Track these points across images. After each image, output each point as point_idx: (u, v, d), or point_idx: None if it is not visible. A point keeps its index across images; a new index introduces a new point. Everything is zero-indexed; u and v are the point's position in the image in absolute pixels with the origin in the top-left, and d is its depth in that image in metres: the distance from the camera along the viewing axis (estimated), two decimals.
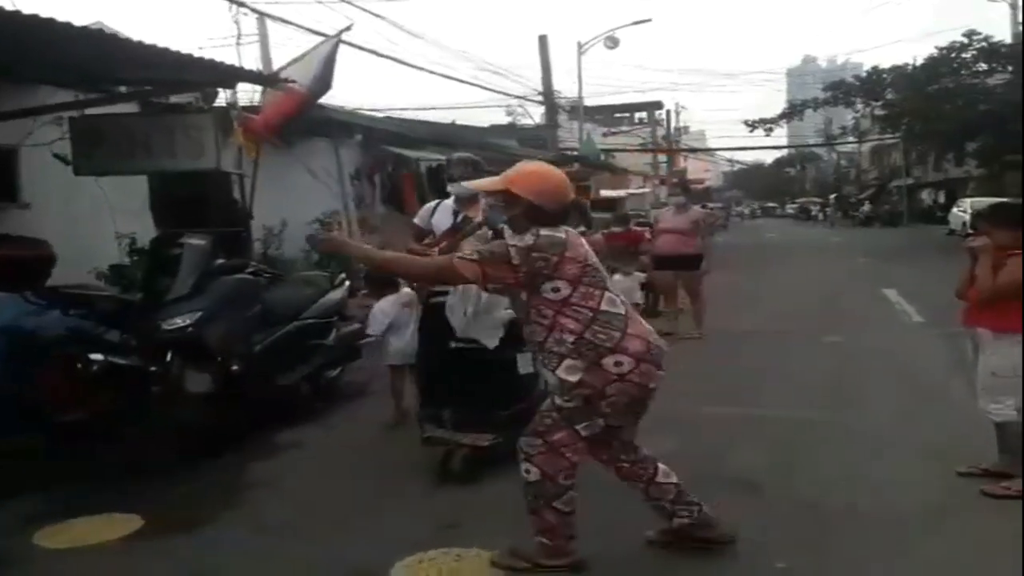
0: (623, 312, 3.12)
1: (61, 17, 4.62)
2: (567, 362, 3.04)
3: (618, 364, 3.03)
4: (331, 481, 4.50)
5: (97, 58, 5.86)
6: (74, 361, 4.83)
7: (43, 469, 4.60)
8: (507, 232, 3.17)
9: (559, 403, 3.10)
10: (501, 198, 3.22)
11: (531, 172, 3.24)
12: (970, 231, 20.60)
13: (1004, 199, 7.76)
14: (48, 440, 4.86)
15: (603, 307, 3.07)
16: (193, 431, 4.87)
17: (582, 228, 5.37)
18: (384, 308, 5.69)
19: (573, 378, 3.03)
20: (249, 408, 5.32)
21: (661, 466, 3.37)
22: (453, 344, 4.52)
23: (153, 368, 4.90)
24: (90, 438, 4.86)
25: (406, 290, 5.63)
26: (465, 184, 4.23)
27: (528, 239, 3.04)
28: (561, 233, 3.11)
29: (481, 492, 4.14)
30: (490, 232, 3.71)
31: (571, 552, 3.22)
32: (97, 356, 4.83)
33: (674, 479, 3.34)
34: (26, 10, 4.52)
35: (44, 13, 4.53)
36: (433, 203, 5.56)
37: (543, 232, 3.06)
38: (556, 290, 3.05)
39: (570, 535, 3.21)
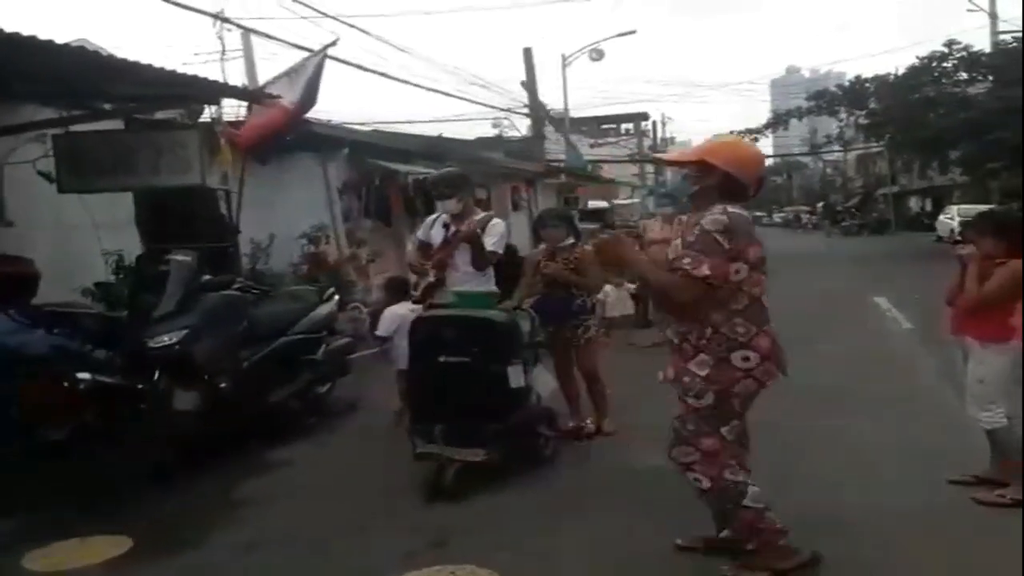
0: (767, 307, 3.08)
1: (44, 34, 4.60)
2: (700, 356, 3.00)
3: (745, 360, 2.98)
4: (322, 498, 4.46)
5: (81, 75, 5.83)
6: (60, 379, 4.77)
7: (30, 489, 4.53)
8: (698, 224, 2.98)
9: (693, 404, 3.04)
10: (694, 169, 3.12)
11: (728, 143, 3.28)
12: (958, 239, 20.80)
13: (991, 206, 7.84)
14: (35, 459, 4.79)
15: (761, 297, 3.04)
16: (181, 449, 4.81)
17: (571, 240, 5.40)
18: (397, 311, 5.73)
19: (701, 372, 3.00)
20: (238, 425, 5.27)
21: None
22: (443, 358, 4.49)
23: (140, 386, 4.85)
24: (77, 457, 4.79)
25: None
26: (659, 155, 4.13)
27: (722, 219, 2.94)
28: (746, 212, 3.06)
29: (473, 507, 4.10)
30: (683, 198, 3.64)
31: (793, 553, 3.08)
32: (83, 374, 4.77)
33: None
34: (9, 27, 4.50)
35: (27, 30, 4.51)
36: (432, 217, 5.56)
37: (731, 210, 2.98)
38: (738, 272, 2.97)
39: (781, 530, 3.08)
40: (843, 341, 8.55)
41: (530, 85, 23.81)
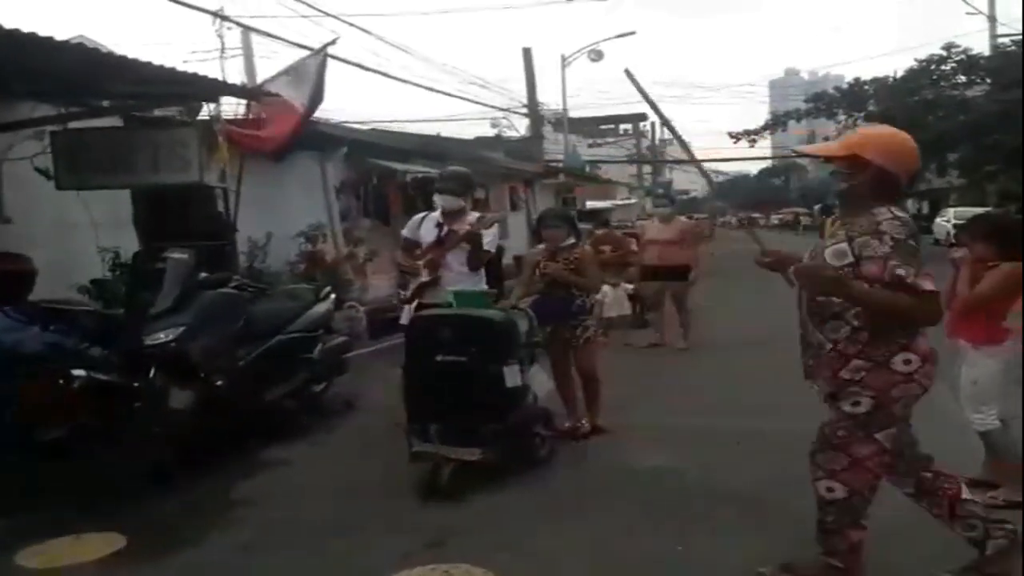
0: None
1: (43, 31, 4.59)
2: (854, 363, 2.77)
3: (907, 362, 2.76)
4: (318, 497, 4.46)
5: (80, 72, 5.83)
6: (55, 377, 4.76)
7: (25, 487, 4.52)
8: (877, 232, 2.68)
9: (848, 410, 2.81)
10: (844, 165, 2.83)
11: (883, 134, 2.92)
12: (953, 241, 20.78)
13: (986, 209, 7.83)
14: (30, 457, 4.79)
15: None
16: (177, 448, 4.81)
17: (571, 240, 5.41)
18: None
19: (857, 376, 2.77)
20: (234, 424, 5.27)
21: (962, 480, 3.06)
22: (440, 358, 4.50)
23: (136, 384, 4.84)
24: (73, 455, 4.79)
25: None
26: (802, 147, 3.38)
27: (901, 227, 2.66)
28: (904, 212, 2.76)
29: (470, 507, 4.11)
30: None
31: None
32: (79, 372, 4.76)
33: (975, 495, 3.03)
34: (8, 24, 4.49)
35: (26, 27, 4.51)
36: (420, 215, 5.57)
37: (898, 213, 2.71)
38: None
39: (863, 553, 2.94)
40: None
41: (529, 85, 23.83)
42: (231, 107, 9.68)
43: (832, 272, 2.76)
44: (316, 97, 8.36)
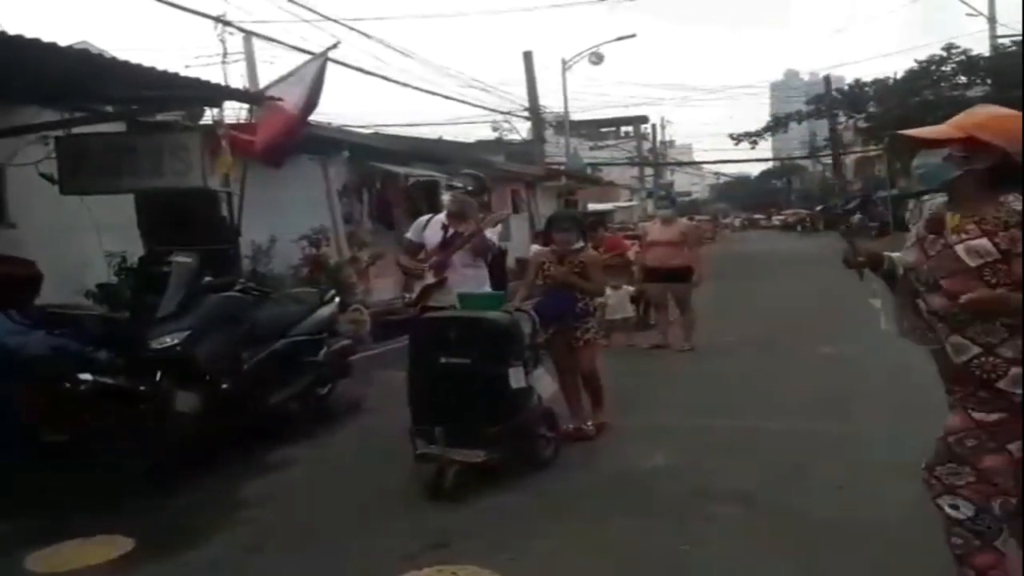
0: None
1: (47, 37, 4.61)
2: (1013, 371, 2.41)
3: None
4: (323, 499, 4.47)
5: (83, 77, 5.85)
6: (61, 381, 4.79)
7: (32, 490, 4.54)
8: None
9: (979, 417, 2.48)
10: (959, 148, 2.50)
11: (1003, 114, 2.54)
12: None
13: None
14: (37, 461, 4.81)
15: None
16: (182, 450, 4.82)
17: (580, 244, 5.43)
18: None
19: (1018, 390, 2.41)
20: (239, 427, 5.28)
21: None
22: (443, 359, 4.51)
23: (142, 388, 4.85)
24: (78, 459, 4.81)
25: None
26: (909, 132, 2.78)
27: (1017, 206, 2.38)
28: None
29: (474, 509, 4.12)
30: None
31: None
32: (85, 376, 4.79)
33: None
34: (12, 30, 4.52)
35: (30, 33, 4.53)
36: (425, 218, 5.59)
37: (1012, 200, 2.41)
38: None
39: None
40: (840, 342, 8.55)
41: (530, 88, 23.87)
42: (233, 112, 9.72)
43: (1006, 296, 2.44)
44: (312, 101, 8.39)
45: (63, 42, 4.91)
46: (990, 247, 2.43)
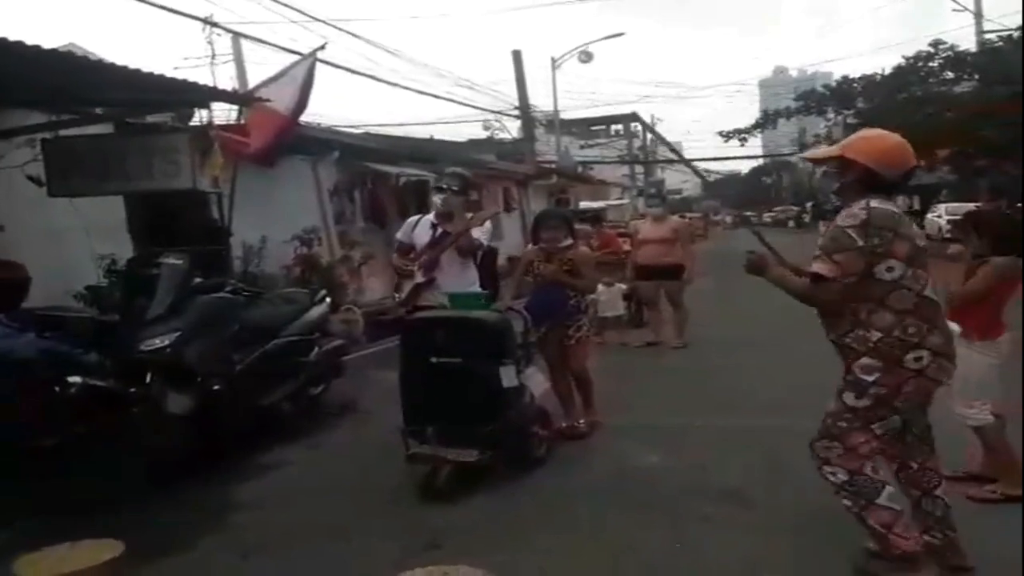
0: (938, 300, 2.99)
1: (32, 39, 4.58)
2: (864, 360, 2.91)
3: (918, 359, 2.87)
4: (316, 501, 4.46)
5: (70, 79, 5.82)
6: (51, 384, 4.75)
7: (21, 494, 4.51)
8: (838, 219, 2.95)
9: (852, 404, 2.97)
10: (835, 165, 3.09)
11: (868, 136, 3.12)
12: (946, 237, 20.79)
13: (978, 204, 7.85)
14: (26, 464, 4.77)
15: (926, 292, 2.92)
16: (174, 453, 4.80)
17: (569, 241, 5.43)
18: None
19: (869, 377, 2.91)
20: (231, 428, 5.26)
21: (944, 481, 3.17)
22: (435, 359, 4.50)
23: (132, 390, 4.83)
24: (69, 461, 4.78)
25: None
26: (807, 154, 3.90)
27: (860, 214, 2.86)
28: (893, 206, 2.94)
29: (467, 508, 4.12)
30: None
31: (923, 565, 2.98)
32: (75, 378, 4.75)
33: (946, 498, 3.13)
34: None
35: (15, 35, 4.50)
36: (414, 218, 5.59)
37: (874, 204, 2.88)
38: (891, 270, 2.87)
39: (916, 537, 3.00)
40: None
41: (520, 87, 23.85)
42: (223, 113, 9.69)
43: (757, 258, 3.23)
44: (302, 102, 8.38)
45: (49, 45, 4.88)
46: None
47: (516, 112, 24.45)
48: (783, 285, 3.15)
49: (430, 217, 5.40)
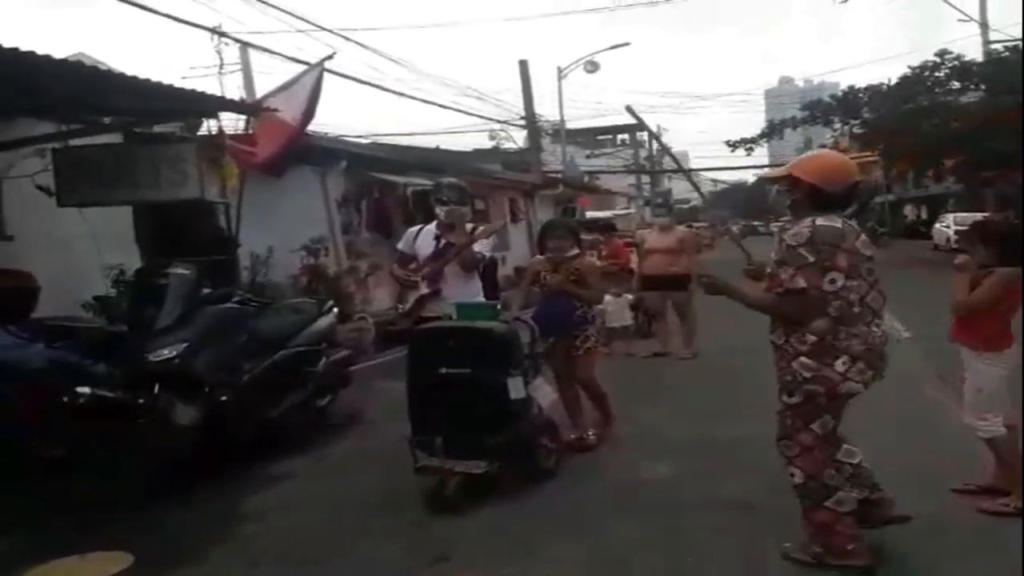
0: (876, 308, 3.22)
1: (42, 49, 4.61)
2: (802, 359, 3.15)
3: (844, 364, 3.12)
4: (323, 512, 4.44)
5: (80, 89, 5.85)
6: (59, 394, 4.75)
7: (29, 505, 4.50)
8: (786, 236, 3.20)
9: (788, 401, 3.25)
10: (786, 184, 3.34)
11: (814, 157, 3.45)
12: (954, 247, 20.69)
13: (986, 214, 7.83)
14: (34, 475, 4.77)
15: (868, 301, 3.16)
16: (182, 464, 4.79)
17: (575, 251, 5.42)
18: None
19: (805, 373, 3.15)
20: (238, 439, 5.25)
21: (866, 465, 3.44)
22: (443, 370, 4.49)
23: (140, 400, 4.83)
24: (76, 472, 4.77)
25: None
26: (764, 174, 4.45)
27: (805, 232, 3.11)
28: (838, 222, 3.16)
29: (475, 521, 4.09)
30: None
31: (857, 553, 3.22)
32: (83, 388, 4.75)
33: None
34: (7, 42, 4.51)
35: (25, 45, 4.53)
36: (416, 228, 5.58)
37: (819, 222, 3.12)
38: (833, 282, 3.09)
39: (852, 535, 3.23)
40: None
41: (526, 97, 23.90)
42: (230, 123, 9.72)
43: (724, 285, 3.51)
44: (309, 112, 8.40)
45: (59, 55, 4.90)
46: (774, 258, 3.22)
47: (522, 122, 24.49)
48: (746, 301, 3.42)
49: (432, 228, 5.39)
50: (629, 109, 4.87)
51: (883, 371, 3.26)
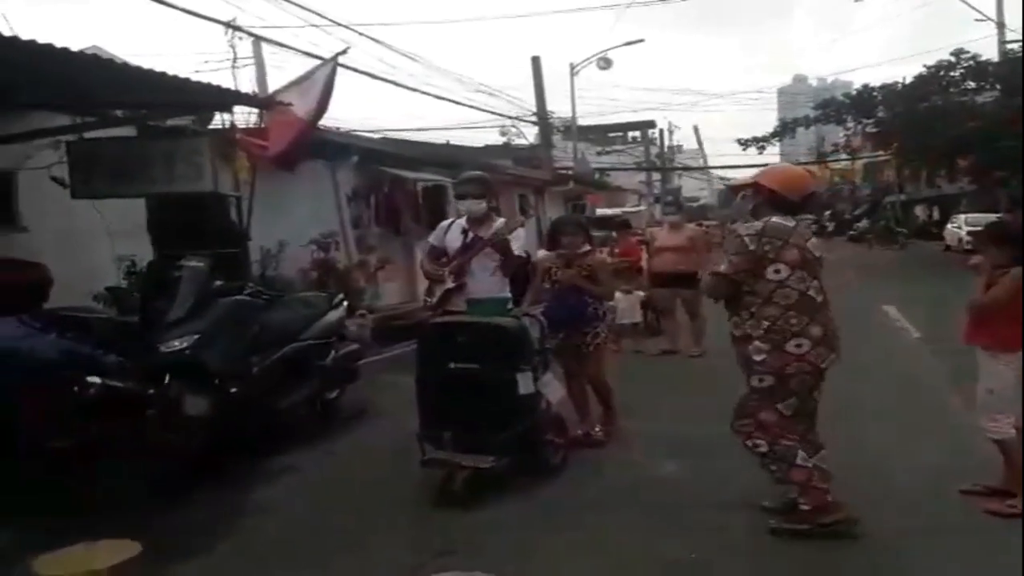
0: (820, 300, 3.59)
1: (58, 42, 4.64)
2: (756, 343, 3.54)
3: (798, 346, 3.51)
4: (331, 505, 4.47)
5: (94, 82, 5.88)
6: (71, 384, 4.79)
7: (39, 494, 4.54)
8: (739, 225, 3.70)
9: (754, 384, 3.61)
10: (751, 191, 3.82)
11: (776, 168, 4.07)
12: (967, 247, 20.53)
13: (999, 215, 7.78)
14: (44, 464, 4.81)
15: (810, 292, 3.55)
16: (191, 455, 4.82)
17: (586, 247, 5.42)
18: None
19: (758, 358, 3.54)
20: (248, 431, 5.28)
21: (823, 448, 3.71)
22: (453, 365, 4.50)
23: (151, 391, 4.86)
24: (86, 462, 4.81)
25: None
26: (732, 183, 4.80)
27: (758, 225, 3.57)
28: (791, 222, 3.61)
29: (482, 514, 4.11)
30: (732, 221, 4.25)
31: (839, 508, 3.52)
32: (94, 379, 4.78)
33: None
34: (24, 35, 4.55)
35: (42, 38, 4.56)
36: (447, 222, 5.57)
37: (773, 220, 3.58)
38: (778, 272, 3.52)
39: (827, 488, 3.53)
40: (854, 350, 8.49)
41: (538, 93, 23.87)
42: (243, 116, 9.76)
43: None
44: (322, 106, 8.42)
45: (74, 47, 4.93)
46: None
47: (534, 118, 24.46)
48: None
49: (462, 222, 5.38)
50: (695, 130, 5.22)
51: (839, 354, 3.63)
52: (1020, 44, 19.99)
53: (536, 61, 23.90)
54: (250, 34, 14.32)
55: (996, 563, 3.30)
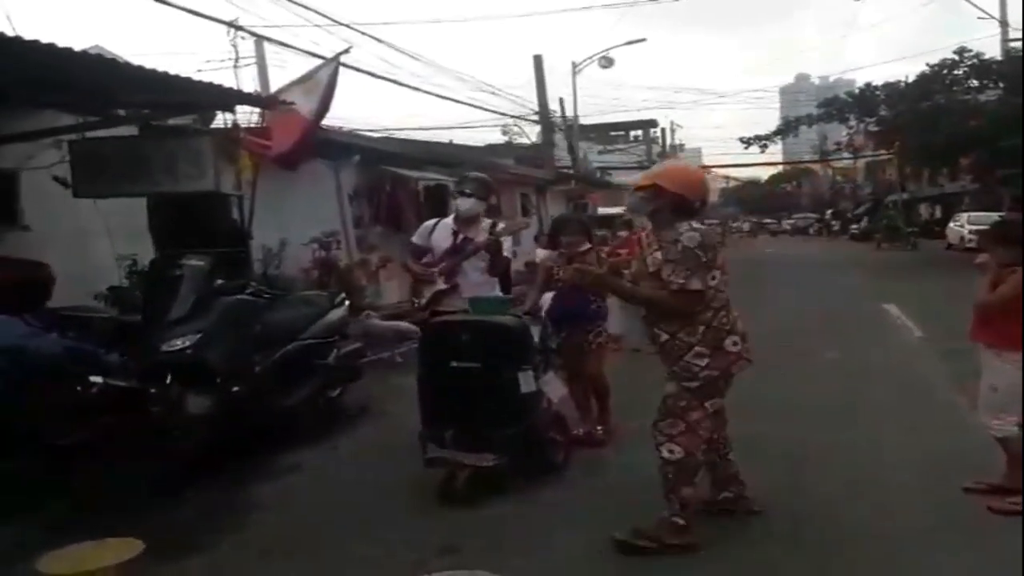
0: (726, 295, 3.58)
1: (61, 41, 4.65)
2: (696, 349, 3.45)
3: (735, 344, 3.50)
4: (333, 504, 4.47)
5: (96, 82, 5.88)
6: (73, 383, 4.80)
7: (42, 493, 4.56)
8: (674, 237, 3.45)
9: (686, 386, 3.48)
10: (650, 192, 3.58)
11: (676, 169, 3.89)
12: (969, 246, 20.49)
13: (1001, 214, 7.78)
14: (48, 463, 4.83)
15: (724, 291, 3.54)
16: (193, 453, 4.84)
17: (587, 245, 5.42)
18: None
19: (701, 362, 3.45)
20: (250, 430, 5.29)
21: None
22: (454, 364, 4.51)
23: (153, 390, 4.87)
24: (90, 461, 4.82)
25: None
26: (633, 185, 4.09)
27: (696, 236, 3.42)
28: (704, 226, 3.55)
29: (484, 513, 4.11)
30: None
31: (691, 530, 3.51)
32: (96, 378, 4.80)
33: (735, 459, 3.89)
34: (27, 35, 4.55)
35: (44, 38, 4.57)
36: (432, 221, 5.57)
37: (697, 226, 3.47)
38: (714, 278, 3.47)
39: (692, 512, 3.53)
40: (856, 349, 8.52)
41: (540, 92, 23.88)
42: (244, 116, 9.76)
43: (602, 278, 3.81)
44: (324, 106, 8.43)
45: (76, 47, 4.94)
46: (660, 257, 3.47)
47: (535, 117, 24.47)
48: (631, 295, 3.73)
49: (449, 221, 5.39)
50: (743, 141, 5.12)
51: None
52: (1021, 43, 19.96)
53: (538, 60, 23.92)
54: (252, 34, 14.35)
55: (999, 560, 3.30)
